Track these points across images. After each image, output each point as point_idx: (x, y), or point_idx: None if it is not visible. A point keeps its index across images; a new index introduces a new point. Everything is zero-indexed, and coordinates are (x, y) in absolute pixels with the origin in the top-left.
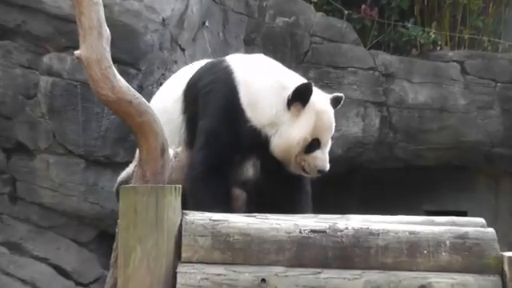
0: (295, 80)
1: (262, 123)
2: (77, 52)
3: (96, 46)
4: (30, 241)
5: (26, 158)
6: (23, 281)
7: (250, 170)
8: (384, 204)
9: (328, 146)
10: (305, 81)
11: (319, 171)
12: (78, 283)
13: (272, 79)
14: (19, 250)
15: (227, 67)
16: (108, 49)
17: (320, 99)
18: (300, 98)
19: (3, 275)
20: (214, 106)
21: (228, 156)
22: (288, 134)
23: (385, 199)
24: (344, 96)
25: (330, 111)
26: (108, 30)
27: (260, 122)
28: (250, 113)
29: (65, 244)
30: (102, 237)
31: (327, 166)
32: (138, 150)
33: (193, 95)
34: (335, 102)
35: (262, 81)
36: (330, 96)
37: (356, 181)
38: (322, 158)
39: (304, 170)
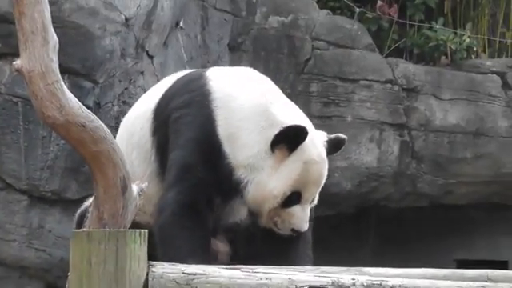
0: (288, 116)
1: (239, 163)
2: (16, 63)
3: (40, 55)
4: None
5: None
6: None
7: (235, 212)
8: (404, 253)
9: (311, 201)
10: (300, 120)
11: (293, 230)
12: None
13: (259, 109)
14: None
15: (205, 86)
16: (55, 59)
17: (314, 144)
18: (288, 142)
19: None
20: (188, 136)
21: (206, 195)
22: (264, 184)
23: (405, 246)
24: (354, 118)
25: (323, 162)
26: (55, 36)
27: (237, 160)
28: (227, 147)
29: None
30: None
31: (304, 227)
32: None
33: (163, 117)
34: (334, 146)
35: (246, 109)
36: (326, 138)
37: (369, 223)
38: (300, 216)
39: (276, 225)
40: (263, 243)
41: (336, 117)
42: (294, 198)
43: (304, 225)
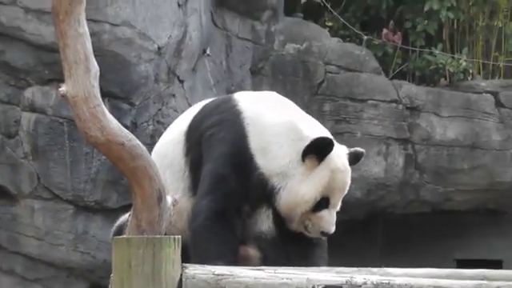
0: (314, 130)
1: (272, 172)
2: (62, 89)
3: (83, 82)
4: None
5: (8, 203)
6: None
7: (263, 222)
8: (409, 253)
9: (337, 206)
10: (325, 133)
11: (322, 233)
12: None
13: (288, 125)
14: None
15: (235, 107)
16: (96, 85)
17: (338, 155)
18: (317, 152)
19: None
20: (221, 150)
21: (235, 203)
22: (297, 190)
23: (410, 248)
24: (363, 134)
25: (347, 171)
26: (96, 65)
27: (269, 170)
28: (259, 159)
29: None
30: None
31: (332, 229)
32: None
33: (196, 137)
34: (354, 158)
35: (276, 126)
36: (347, 151)
37: (377, 227)
38: (329, 220)
39: (306, 229)
40: (285, 247)
41: (347, 133)
42: (322, 203)
43: (332, 228)
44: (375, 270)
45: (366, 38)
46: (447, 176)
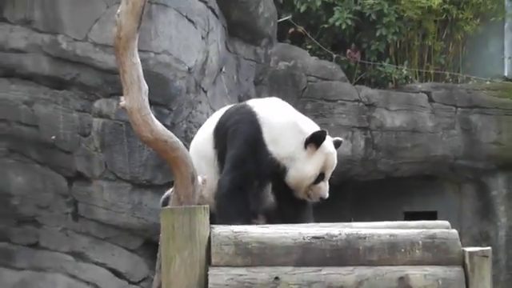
0: (309, 125)
1: (281, 156)
2: (122, 103)
3: (137, 97)
4: (90, 250)
5: (84, 184)
6: (87, 282)
7: (266, 198)
8: (370, 208)
9: (328, 178)
10: (317, 127)
11: (321, 198)
12: (130, 282)
13: (291, 122)
14: (82, 257)
15: (251, 110)
16: (146, 99)
17: (329, 143)
18: (315, 141)
19: (70, 278)
20: (241, 140)
21: (250, 180)
22: (303, 169)
23: (371, 204)
24: (335, 124)
25: (335, 154)
26: (146, 84)
27: (279, 155)
28: (271, 147)
29: (118, 251)
30: (147, 244)
31: (327, 195)
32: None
33: (222, 133)
34: (336, 144)
35: (282, 123)
36: (332, 139)
37: (348, 190)
38: (325, 189)
39: (309, 196)
40: (282, 209)
41: (323, 124)
42: (320, 177)
43: (327, 194)
44: (347, 224)
45: (335, 56)
46: (395, 152)
